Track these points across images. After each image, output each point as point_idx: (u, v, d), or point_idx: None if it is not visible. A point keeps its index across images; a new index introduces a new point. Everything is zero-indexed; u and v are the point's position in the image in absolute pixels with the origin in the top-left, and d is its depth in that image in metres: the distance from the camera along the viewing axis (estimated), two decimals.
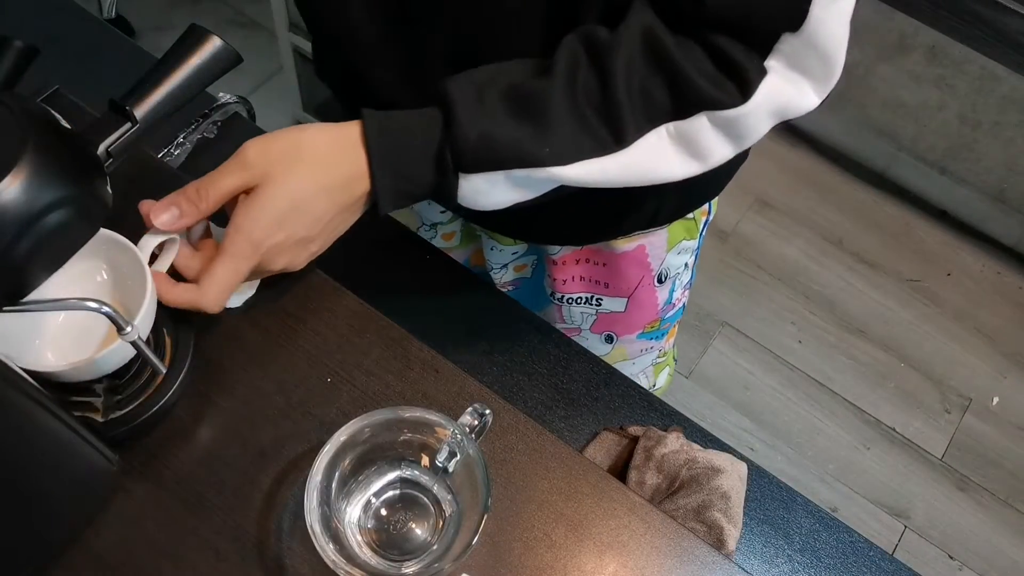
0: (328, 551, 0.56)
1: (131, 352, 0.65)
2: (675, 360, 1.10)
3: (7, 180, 0.45)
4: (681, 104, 0.58)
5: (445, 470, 0.61)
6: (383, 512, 0.63)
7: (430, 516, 0.63)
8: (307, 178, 0.58)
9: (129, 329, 0.59)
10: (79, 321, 0.68)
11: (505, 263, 1.00)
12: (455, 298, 0.82)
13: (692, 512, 0.72)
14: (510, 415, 0.69)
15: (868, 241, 2.00)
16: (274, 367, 0.70)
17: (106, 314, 0.57)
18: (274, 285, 0.74)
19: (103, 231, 0.66)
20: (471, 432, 0.59)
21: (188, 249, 0.64)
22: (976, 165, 1.93)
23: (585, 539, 0.66)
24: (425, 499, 0.64)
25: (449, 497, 0.63)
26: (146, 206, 0.60)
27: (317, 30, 0.76)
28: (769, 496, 0.77)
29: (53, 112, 0.52)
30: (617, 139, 0.59)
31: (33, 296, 0.54)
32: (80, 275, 0.68)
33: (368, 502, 0.63)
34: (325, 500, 0.59)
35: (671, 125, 0.59)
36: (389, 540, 0.62)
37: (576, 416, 0.78)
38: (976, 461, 1.77)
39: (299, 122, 2.03)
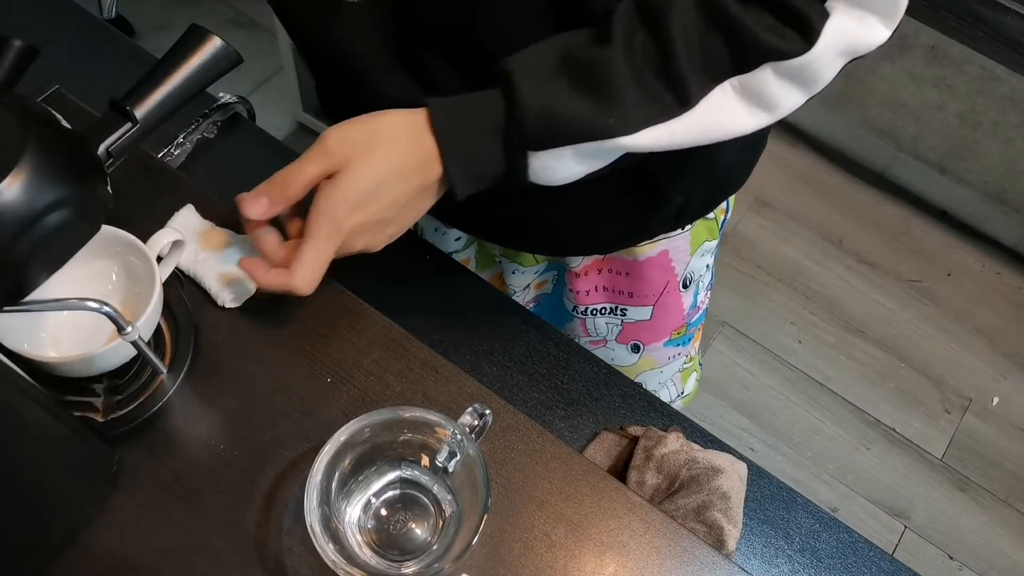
0: (328, 551, 0.56)
1: (132, 352, 0.65)
2: (700, 365, 1.09)
3: (7, 180, 0.45)
4: (743, 58, 0.58)
5: (445, 470, 0.61)
6: (383, 512, 0.63)
7: (430, 516, 0.63)
8: (384, 161, 0.60)
9: (130, 329, 0.59)
10: (86, 320, 0.68)
11: (527, 284, 0.99)
12: (455, 298, 0.82)
13: (692, 512, 0.72)
14: (510, 415, 0.69)
15: (868, 241, 2.00)
16: (274, 367, 0.70)
17: (106, 314, 0.57)
18: None
19: (117, 231, 0.66)
20: (471, 432, 0.59)
21: (275, 237, 0.65)
22: (976, 165, 1.93)
23: (585, 539, 0.66)
24: (425, 499, 0.64)
25: (449, 497, 0.63)
26: (240, 199, 0.63)
27: (318, 58, 0.76)
28: (769, 496, 0.77)
29: (53, 112, 0.52)
30: (681, 101, 0.59)
31: (52, 294, 0.54)
32: (93, 275, 0.68)
33: (368, 502, 0.63)
34: (325, 500, 0.59)
35: (735, 80, 0.59)
36: (389, 540, 0.62)
37: (576, 416, 0.78)
38: (976, 461, 1.77)
39: (299, 122, 2.04)
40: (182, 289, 0.73)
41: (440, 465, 0.61)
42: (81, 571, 0.62)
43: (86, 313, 0.57)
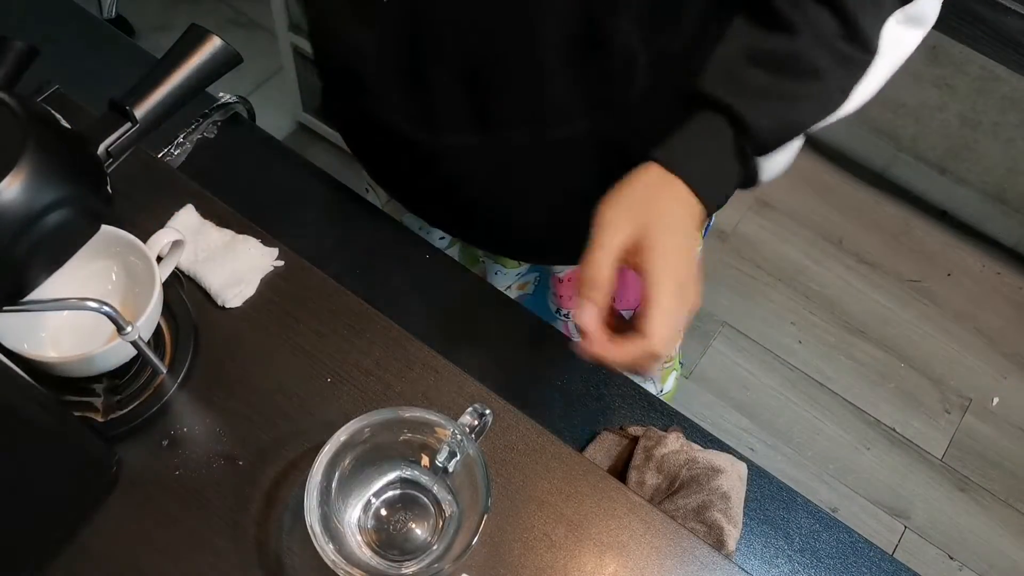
0: (328, 551, 0.56)
1: (131, 352, 0.65)
2: (680, 364, 1.09)
3: (7, 180, 0.45)
4: None
5: (445, 470, 0.61)
6: (383, 512, 0.63)
7: (430, 516, 0.63)
8: (669, 209, 0.60)
9: (130, 329, 0.59)
10: (86, 320, 0.68)
11: (508, 284, 1.00)
12: (455, 298, 0.82)
13: (692, 512, 0.72)
14: (510, 415, 0.69)
15: (868, 241, 2.00)
16: (274, 367, 0.70)
17: (106, 314, 0.57)
18: (274, 285, 0.75)
19: (117, 231, 0.66)
20: (471, 432, 0.59)
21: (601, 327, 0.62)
22: (976, 165, 1.93)
23: (585, 539, 0.66)
24: (425, 499, 0.64)
25: (449, 497, 0.63)
26: (575, 317, 0.60)
27: (329, 60, 0.77)
28: (769, 496, 0.77)
29: (53, 112, 0.52)
30: (867, 50, 0.62)
31: (51, 294, 0.54)
32: (93, 275, 0.69)
33: (368, 502, 0.63)
34: (325, 500, 0.59)
35: (899, 12, 0.62)
36: (389, 540, 0.62)
37: (576, 416, 0.78)
38: (976, 461, 1.77)
39: (299, 122, 2.03)
40: (182, 289, 0.73)
41: (440, 465, 0.61)
42: (81, 571, 0.62)
43: (86, 313, 0.57)
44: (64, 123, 0.52)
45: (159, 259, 0.67)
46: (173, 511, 0.64)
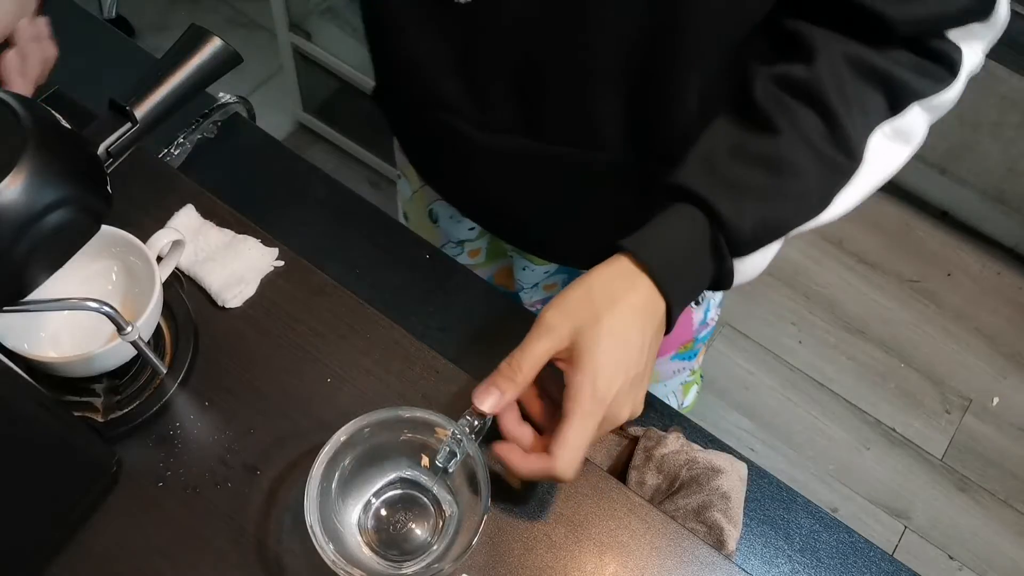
0: (328, 551, 0.56)
1: (131, 352, 0.65)
2: (701, 377, 1.09)
3: (7, 180, 0.45)
4: (895, 102, 0.61)
5: (445, 470, 0.61)
6: (383, 512, 0.63)
7: (430, 516, 0.63)
8: (615, 317, 0.57)
9: (129, 329, 0.59)
10: (86, 320, 0.68)
11: (536, 282, 0.99)
12: (455, 298, 0.82)
13: (692, 512, 0.72)
14: None
15: (868, 241, 2.00)
16: (274, 367, 0.70)
17: (106, 314, 0.57)
18: (274, 285, 0.75)
19: (117, 231, 0.66)
20: (471, 432, 0.59)
21: (515, 415, 0.62)
22: (976, 165, 1.93)
23: (585, 539, 0.66)
24: (425, 499, 0.64)
25: (449, 498, 0.63)
26: (474, 394, 0.60)
27: (386, 49, 0.77)
28: (769, 496, 0.77)
29: (53, 112, 0.52)
30: (852, 157, 0.61)
31: (52, 294, 0.54)
32: (93, 275, 0.69)
33: (368, 502, 0.63)
34: (325, 500, 0.59)
35: (886, 125, 0.61)
36: (389, 540, 0.62)
37: None
38: (976, 461, 1.77)
39: (299, 122, 2.03)
40: (182, 289, 0.73)
41: (440, 465, 0.61)
42: (81, 571, 0.62)
43: (86, 313, 0.57)
44: (64, 123, 0.52)
45: (159, 259, 0.67)
46: (173, 511, 0.64)
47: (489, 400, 0.59)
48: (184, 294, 0.72)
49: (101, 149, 0.55)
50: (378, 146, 1.95)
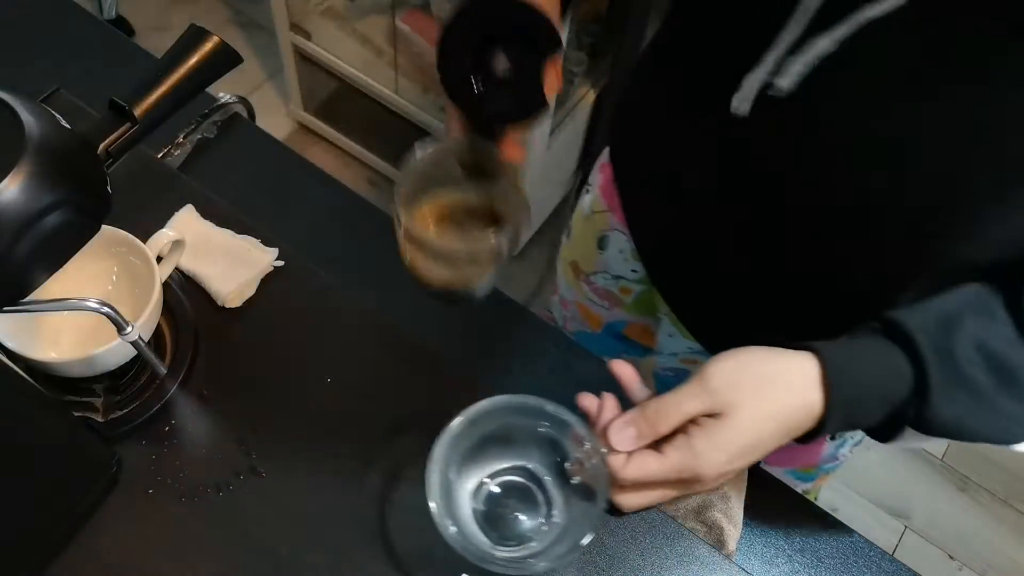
0: (440, 516, 0.56)
1: (131, 352, 0.65)
2: (815, 500, 0.98)
3: (7, 180, 0.45)
4: None
5: (568, 477, 0.61)
6: (495, 491, 0.63)
7: (539, 513, 0.62)
8: (773, 414, 0.54)
9: (129, 329, 0.59)
10: (86, 320, 0.68)
11: (675, 351, 0.92)
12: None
13: (692, 512, 0.71)
14: None
15: None
16: (274, 367, 0.70)
17: (106, 314, 0.57)
18: (274, 285, 0.75)
19: (117, 231, 0.66)
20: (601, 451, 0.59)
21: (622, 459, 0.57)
22: None
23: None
24: (539, 496, 0.63)
25: (561, 502, 0.62)
26: (602, 420, 0.57)
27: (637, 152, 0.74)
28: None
29: (53, 112, 0.52)
30: None
31: (52, 294, 0.54)
32: (93, 275, 0.69)
33: (483, 481, 0.63)
34: (448, 465, 0.58)
35: None
36: (493, 520, 0.62)
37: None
38: (976, 461, 1.77)
39: (299, 122, 2.03)
40: (182, 289, 0.73)
41: (568, 470, 0.60)
42: (81, 571, 0.62)
43: (86, 313, 0.57)
44: (64, 123, 0.52)
45: (159, 259, 0.67)
46: (174, 511, 0.64)
47: (623, 440, 0.55)
48: (184, 294, 0.72)
49: (101, 149, 0.55)
50: (378, 146, 1.95)
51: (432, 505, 0.55)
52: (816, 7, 0.49)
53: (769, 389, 0.55)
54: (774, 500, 0.77)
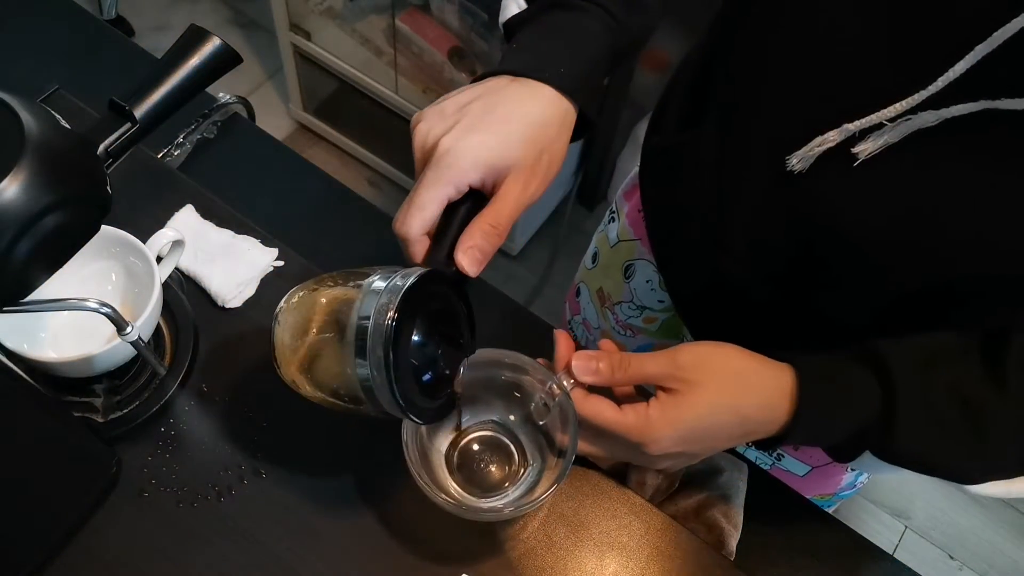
0: (420, 475, 0.58)
1: (131, 352, 0.65)
2: None
3: (7, 180, 0.45)
4: None
5: (536, 422, 0.62)
6: (471, 448, 0.65)
7: (512, 463, 0.65)
8: (732, 402, 0.55)
9: (129, 329, 0.59)
10: (86, 320, 0.68)
11: None
12: None
13: (692, 512, 0.71)
14: None
15: None
16: (274, 367, 0.70)
17: (106, 315, 0.57)
18: (274, 285, 0.75)
19: (117, 231, 0.66)
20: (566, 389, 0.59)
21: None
22: None
23: (585, 539, 0.66)
24: (511, 446, 0.65)
25: (534, 449, 0.64)
26: (563, 343, 0.58)
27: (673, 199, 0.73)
28: (769, 496, 0.77)
29: (53, 112, 0.52)
30: None
31: (52, 294, 0.54)
32: (93, 275, 0.69)
33: (457, 437, 0.65)
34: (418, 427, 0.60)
35: None
36: (470, 476, 0.64)
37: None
38: None
39: (299, 122, 2.03)
40: (182, 289, 0.73)
41: (533, 414, 0.61)
42: (81, 571, 0.62)
43: (86, 313, 0.57)
44: (64, 123, 0.52)
45: (159, 259, 0.67)
46: (174, 511, 0.64)
47: (586, 369, 0.57)
48: (184, 294, 0.72)
49: (101, 149, 0.55)
50: (378, 146, 1.95)
51: (414, 472, 0.58)
52: (942, 86, 0.46)
53: (736, 384, 0.56)
54: (774, 500, 0.77)
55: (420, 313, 0.51)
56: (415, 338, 0.51)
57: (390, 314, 0.49)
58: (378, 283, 0.52)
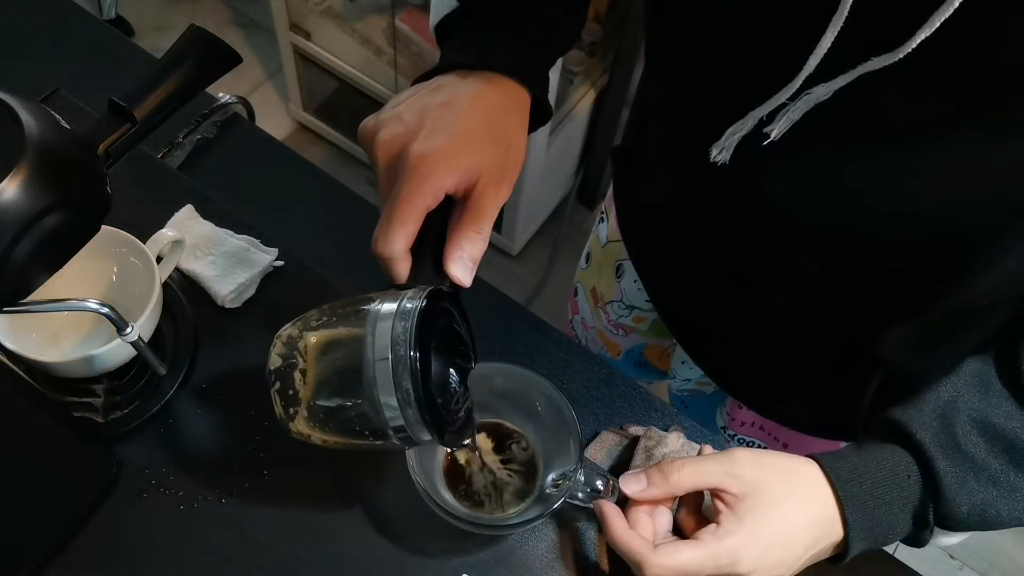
0: (418, 481, 0.59)
1: (131, 352, 0.65)
2: None
3: (7, 181, 0.45)
4: None
5: (542, 490, 0.63)
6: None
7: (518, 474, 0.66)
8: (797, 502, 0.54)
9: (129, 330, 0.59)
10: (86, 320, 0.68)
11: (689, 378, 0.94)
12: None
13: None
14: None
15: None
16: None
17: (106, 315, 0.57)
18: (274, 285, 0.75)
19: (117, 231, 0.66)
20: (591, 490, 0.60)
21: (648, 508, 0.59)
22: None
23: (586, 539, 0.66)
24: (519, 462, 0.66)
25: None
26: (624, 477, 0.58)
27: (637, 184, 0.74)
28: None
29: (53, 112, 0.52)
30: None
31: (52, 294, 0.54)
32: (93, 275, 0.68)
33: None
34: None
35: None
36: (466, 493, 0.65)
37: (576, 416, 0.77)
38: None
39: (299, 122, 2.03)
40: (182, 289, 0.73)
41: (549, 487, 0.63)
42: (81, 571, 0.62)
43: (86, 313, 0.57)
44: (64, 123, 0.52)
45: (159, 259, 0.67)
46: (174, 512, 0.64)
47: (634, 485, 0.57)
48: (184, 294, 0.72)
49: (101, 149, 0.55)
50: None
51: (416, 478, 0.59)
52: (815, 66, 0.46)
53: (792, 475, 0.54)
54: None
55: (432, 336, 0.49)
56: (434, 363, 0.49)
57: (411, 347, 0.47)
58: (384, 312, 0.49)
